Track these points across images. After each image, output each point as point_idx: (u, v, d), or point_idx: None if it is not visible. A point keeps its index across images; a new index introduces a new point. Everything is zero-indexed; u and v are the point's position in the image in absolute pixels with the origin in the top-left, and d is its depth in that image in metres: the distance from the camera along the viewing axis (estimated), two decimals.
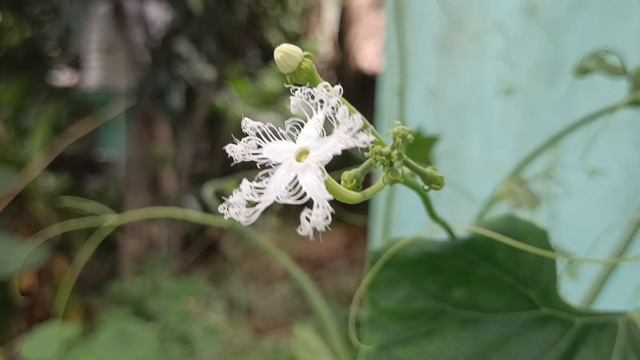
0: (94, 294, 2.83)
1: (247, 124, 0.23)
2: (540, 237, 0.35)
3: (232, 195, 0.21)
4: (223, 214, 0.21)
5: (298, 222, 0.19)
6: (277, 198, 0.20)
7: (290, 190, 0.20)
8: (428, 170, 0.24)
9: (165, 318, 2.21)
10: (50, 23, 2.95)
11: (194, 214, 0.75)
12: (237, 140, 0.24)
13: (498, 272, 0.35)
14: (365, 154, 0.23)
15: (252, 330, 2.85)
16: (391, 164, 0.22)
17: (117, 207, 3.03)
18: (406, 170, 0.24)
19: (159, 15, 3.07)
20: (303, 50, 0.25)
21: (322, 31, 5.17)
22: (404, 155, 0.22)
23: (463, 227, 0.37)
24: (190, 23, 2.77)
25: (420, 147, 0.61)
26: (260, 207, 0.21)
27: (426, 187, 0.25)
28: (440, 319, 0.35)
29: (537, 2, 0.85)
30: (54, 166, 2.78)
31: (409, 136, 0.22)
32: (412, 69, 1.31)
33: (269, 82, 3.70)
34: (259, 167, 0.23)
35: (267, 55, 3.98)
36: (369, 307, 0.37)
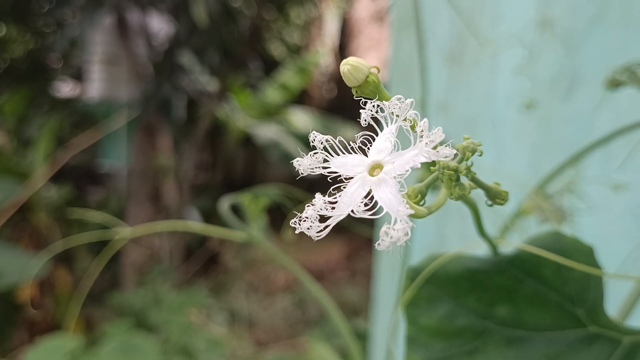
0: (94, 304, 2.81)
1: (316, 138, 0.22)
2: (586, 254, 0.34)
3: (305, 209, 0.20)
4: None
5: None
6: (352, 212, 0.20)
7: (365, 205, 0.20)
8: (493, 185, 0.24)
9: (167, 330, 2.20)
10: (53, 35, 2.95)
11: (204, 228, 0.74)
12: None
13: (544, 289, 0.34)
14: (431, 167, 0.22)
15: (254, 342, 2.84)
16: (458, 178, 0.21)
17: (119, 218, 3.02)
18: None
19: (161, 28, 3.07)
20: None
21: (323, 43, 5.18)
22: (472, 170, 0.21)
23: (506, 244, 0.36)
24: (193, 35, 2.77)
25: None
26: (332, 222, 0.20)
27: (490, 203, 0.24)
28: (483, 337, 0.34)
29: (553, 15, 0.85)
30: (56, 177, 2.78)
31: (479, 150, 0.21)
32: (419, 82, 1.31)
33: (271, 94, 3.70)
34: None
35: (269, 67, 3.98)
36: (408, 325, 0.36)
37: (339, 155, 0.22)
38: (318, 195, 0.20)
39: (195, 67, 2.99)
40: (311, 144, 0.22)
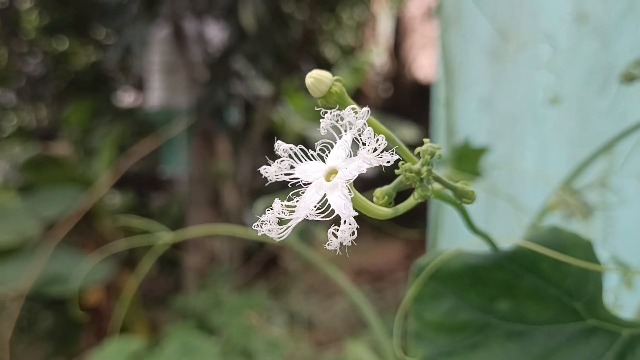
0: (159, 308, 2.90)
1: (280, 146, 0.24)
2: (585, 248, 0.34)
3: (264, 213, 0.22)
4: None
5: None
6: (307, 216, 0.21)
7: (319, 209, 0.21)
8: (459, 185, 0.25)
9: (227, 332, 2.24)
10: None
11: (249, 232, 0.76)
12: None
13: (543, 283, 0.35)
14: (396, 171, 0.23)
15: (314, 344, 2.86)
16: (421, 180, 0.23)
17: (180, 223, 3.11)
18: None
19: (215, 35, 3.14)
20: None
21: (377, 43, 5.18)
22: (434, 172, 0.23)
23: (508, 239, 0.37)
24: (246, 41, 2.82)
25: (469, 158, 0.61)
26: (292, 224, 0.22)
27: (458, 202, 0.25)
28: (485, 331, 0.35)
29: (587, 8, 0.83)
30: (120, 184, 2.88)
31: (438, 153, 0.22)
32: (464, 78, 1.31)
33: None
34: (302, 184, 0.24)
35: (323, 69, 3.98)
36: (414, 320, 0.37)
37: (302, 162, 0.24)
38: (277, 200, 0.22)
39: (250, 72, 3.04)
40: (276, 152, 0.24)
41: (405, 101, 5.26)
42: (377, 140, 0.21)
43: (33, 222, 2.18)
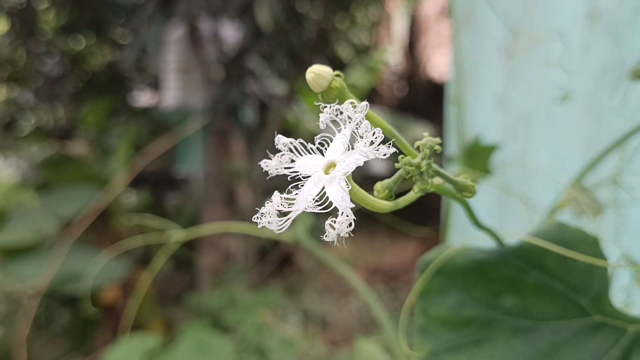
0: (174, 305, 2.91)
1: (280, 140, 0.24)
2: (591, 244, 0.34)
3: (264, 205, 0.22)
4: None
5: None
6: (306, 208, 0.22)
7: (317, 201, 0.22)
8: (459, 179, 0.25)
9: (241, 330, 2.25)
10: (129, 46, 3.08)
11: (262, 230, 0.76)
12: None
13: (548, 279, 0.35)
14: (396, 165, 0.24)
15: (328, 342, 2.86)
16: (421, 174, 0.23)
17: (195, 221, 3.12)
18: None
19: (230, 34, 3.15)
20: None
21: (391, 42, 5.17)
22: (434, 165, 0.23)
23: (514, 235, 0.37)
24: (260, 40, 2.83)
25: (479, 155, 0.61)
26: (291, 216, 0.22)
27: (459, 196, 0.25)
28: (490, 326, 0.35)
29: (600, 6, 0.83)
30: (135, 183, 2.89)
31: (437, 147, 0.22)
32: (477, 77, 1.30)
33: None
34: (301, 178, 0.24)
35: (337, 68, 3.97)
36: (420, 315, 0.37)
37: (302, 155, 0.24)
38: (276, 193, 0.23)
39: (265, 71, 3.05)
40: (276, 146, 0.24)
41: (420, 100, 5.24)
42: (374, 133, 0.21)
43: (50, 221, 2.20)
